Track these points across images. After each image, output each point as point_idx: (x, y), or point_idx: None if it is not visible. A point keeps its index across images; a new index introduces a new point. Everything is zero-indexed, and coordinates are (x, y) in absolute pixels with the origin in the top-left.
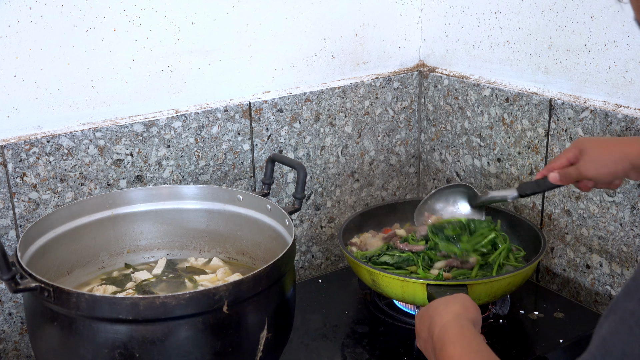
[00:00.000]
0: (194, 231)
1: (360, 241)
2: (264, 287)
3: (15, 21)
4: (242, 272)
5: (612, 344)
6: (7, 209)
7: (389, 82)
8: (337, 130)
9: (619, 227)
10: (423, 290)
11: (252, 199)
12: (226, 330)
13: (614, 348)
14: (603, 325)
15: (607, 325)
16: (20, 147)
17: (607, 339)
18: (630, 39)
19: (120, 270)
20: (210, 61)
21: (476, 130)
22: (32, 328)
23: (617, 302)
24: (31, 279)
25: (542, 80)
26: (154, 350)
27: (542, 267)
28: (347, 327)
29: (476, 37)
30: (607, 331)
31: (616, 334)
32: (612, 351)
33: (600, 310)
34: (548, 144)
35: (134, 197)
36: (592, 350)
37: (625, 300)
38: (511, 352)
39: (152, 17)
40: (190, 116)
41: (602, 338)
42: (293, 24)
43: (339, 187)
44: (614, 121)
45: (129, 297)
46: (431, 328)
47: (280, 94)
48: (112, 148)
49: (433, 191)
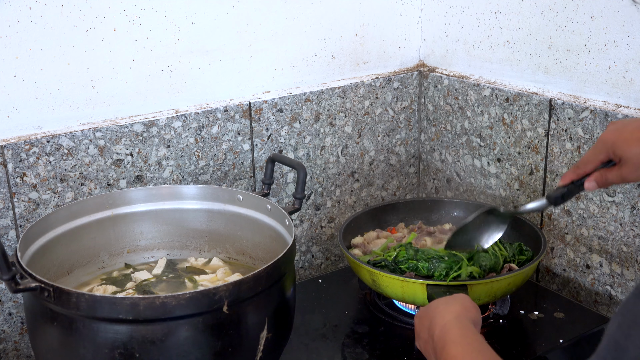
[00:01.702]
0: (194, 231)
1: (364, 240)
2: (264, 287)
3: (15, 21)
4: (242, 272)
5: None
6: (7, 209)
7: (389, 82)
8: (337, 130)
9: (619, 227)
10: (423, 291)
11: (252, 199)
12: (226, 330)
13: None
14: (613, 327)
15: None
16: (20, 147)
17: (618, 342)
18: (630, 39)
19: (120, 270)
20: (210, 61)
21: (476, 130)
22: (32, 328)
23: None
24: (31, 279)
25: (542, 80)
26: (154, 350)
27: (542, 267)
28: (347, 327)
29: (476, 37)
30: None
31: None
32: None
33: (600, 310)
34: (548, 144)
35: (134, 197)
36: (603, 353)
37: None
38: (511, 352)
39: (152, 17)
40: (190, 116)
41: (614, 340)
42: (293, 24)
43: (339, 187)
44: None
45: (129, 297)
46: (431, 328)
47: (280, 94)
48: (112, 148)
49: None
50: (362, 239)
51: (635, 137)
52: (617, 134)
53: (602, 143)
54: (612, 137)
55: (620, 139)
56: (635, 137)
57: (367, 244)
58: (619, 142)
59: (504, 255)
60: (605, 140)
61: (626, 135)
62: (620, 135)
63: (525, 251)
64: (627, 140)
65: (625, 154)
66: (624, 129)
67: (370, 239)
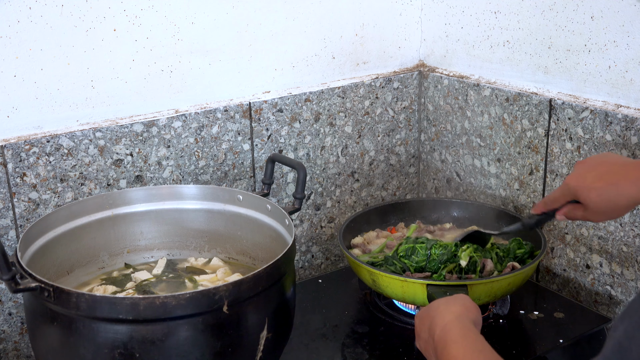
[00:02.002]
0: (194, 231)
1: (364, 239)
2: (264, 287)
3: (15, 21)
4: (242, 272)
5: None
6: (7, 209)
7: (389, 82)
8: (337, 130)
9: (619, 227)
10: (423, 291)
11: (252, 199)
12: (226, 330)
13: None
14: (618, 328)
15: (623, 329)
16: (20, 147)
17: (623, 343)
18: (630, 39)
19: (120, 270)
20: (210, 61)
21: (476, 130)
22: (32, 328)
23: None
24: (31, 279)
25: (542, 80)
26: (154, 350)
27: (542, 267)
28: (347, 327)
29: (476, 37)
30: (623, 335)
31: (633, 338)
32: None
33: (600, 310)
34: (548, 144)
35: (134, 197)
36: (607, 354)
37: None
38: (511, 352)
39: (152, 17)
40: (190, 116)
41: (618, 342)
42: (293, 24)
43: (339, 187)
44: (614, 121)
45: (129, 297)
46: (432, 328)
47: (280, 94)
48: (112, 148)
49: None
50: (362, 238)
51: (595, 186)
52: (580, 180)
53: (567, 187)
54: (575, 183)
55: (582, 187)
56: (595, 186)
57: (367, 243)
58: (581, 190)
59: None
60: (569, 186)
61: (587, 183)
62: (583, 182)
63: (525, 245)
64: (588, 189)
65: (586, 202)
66: (587, 176)
67: (370, 238)
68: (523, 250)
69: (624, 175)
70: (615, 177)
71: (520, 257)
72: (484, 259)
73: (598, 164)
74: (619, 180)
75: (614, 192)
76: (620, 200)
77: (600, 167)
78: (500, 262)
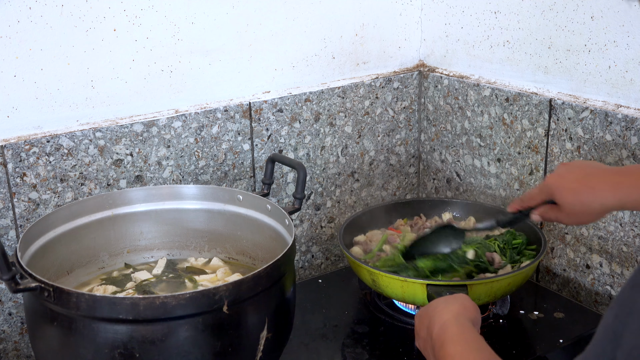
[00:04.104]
0: (194, 231)
1: (367, 238)
2: (264, 287)
3: (15, 21)
4: (242, 272)
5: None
6: (7, 209)
7: (389, 82)
8: (337, 130)
9: (619, 227)
10: (423, 290)
11: (252, 199)
12: (226, 330)
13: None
14: (610, 316)
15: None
16: (20, 147)
17: (615, 330)
18: (630, 39)
19: (120, 270)
20: (210, 61)
21: (476, 130)
22: (32, 328)
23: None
24: (31, 279)
25: (542, 80)
26: (154, 350)
27: (542, 267)
28: (347, 327)
29: (476, 37)
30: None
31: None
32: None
33: (600, 310)
34: (548, 144)
35: (134, 197)
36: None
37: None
38: (511, 352)
39: (152, 17)
40: (190, 116)
41: (611, 330)
42: (293, 24)
43: (339, 187)
44: (614, 121)
45: (129, 297)
46: (430, 327)
47: (280, 94)
48: (112, 148)
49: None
50: (365, 237)
51: (572, 187)
52: (559, 181)
53: (546, 186)
54: (554, 183)
55: (560, 187)
56: (571, 187)
57: (369, 242)
58: (559, 190)
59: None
60: (548, 185)
61: (565, 184)
62: (561, 183)
63: (519, 236)
64: (565, 190)
65: (561, 202)
66: (566, 177)
67: (372, 237)
68: (519, 240)
69: (602, 180)
70: (594, 181)
71: (518, 247)
72: (489, 253)
73: (580, 167)
74: (597, 184)
75: (589, 195)
76: (594, 204)
77: (581, 170)
78: (504, 254)
